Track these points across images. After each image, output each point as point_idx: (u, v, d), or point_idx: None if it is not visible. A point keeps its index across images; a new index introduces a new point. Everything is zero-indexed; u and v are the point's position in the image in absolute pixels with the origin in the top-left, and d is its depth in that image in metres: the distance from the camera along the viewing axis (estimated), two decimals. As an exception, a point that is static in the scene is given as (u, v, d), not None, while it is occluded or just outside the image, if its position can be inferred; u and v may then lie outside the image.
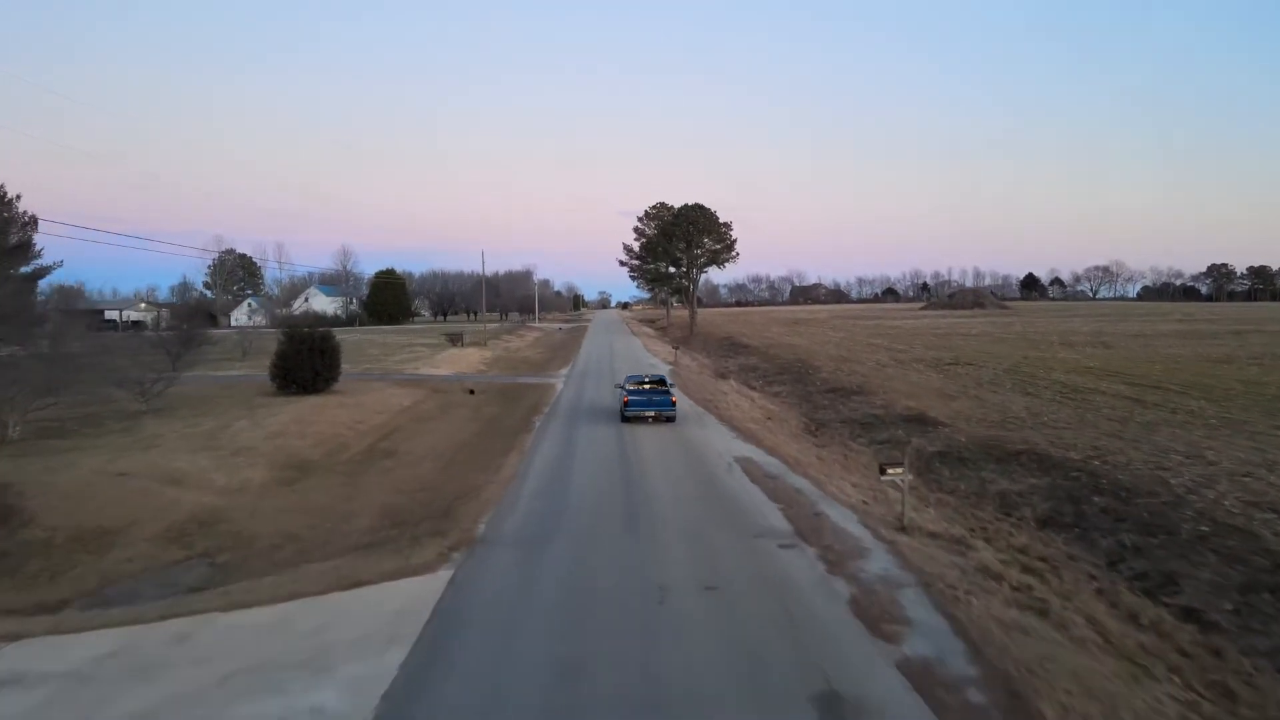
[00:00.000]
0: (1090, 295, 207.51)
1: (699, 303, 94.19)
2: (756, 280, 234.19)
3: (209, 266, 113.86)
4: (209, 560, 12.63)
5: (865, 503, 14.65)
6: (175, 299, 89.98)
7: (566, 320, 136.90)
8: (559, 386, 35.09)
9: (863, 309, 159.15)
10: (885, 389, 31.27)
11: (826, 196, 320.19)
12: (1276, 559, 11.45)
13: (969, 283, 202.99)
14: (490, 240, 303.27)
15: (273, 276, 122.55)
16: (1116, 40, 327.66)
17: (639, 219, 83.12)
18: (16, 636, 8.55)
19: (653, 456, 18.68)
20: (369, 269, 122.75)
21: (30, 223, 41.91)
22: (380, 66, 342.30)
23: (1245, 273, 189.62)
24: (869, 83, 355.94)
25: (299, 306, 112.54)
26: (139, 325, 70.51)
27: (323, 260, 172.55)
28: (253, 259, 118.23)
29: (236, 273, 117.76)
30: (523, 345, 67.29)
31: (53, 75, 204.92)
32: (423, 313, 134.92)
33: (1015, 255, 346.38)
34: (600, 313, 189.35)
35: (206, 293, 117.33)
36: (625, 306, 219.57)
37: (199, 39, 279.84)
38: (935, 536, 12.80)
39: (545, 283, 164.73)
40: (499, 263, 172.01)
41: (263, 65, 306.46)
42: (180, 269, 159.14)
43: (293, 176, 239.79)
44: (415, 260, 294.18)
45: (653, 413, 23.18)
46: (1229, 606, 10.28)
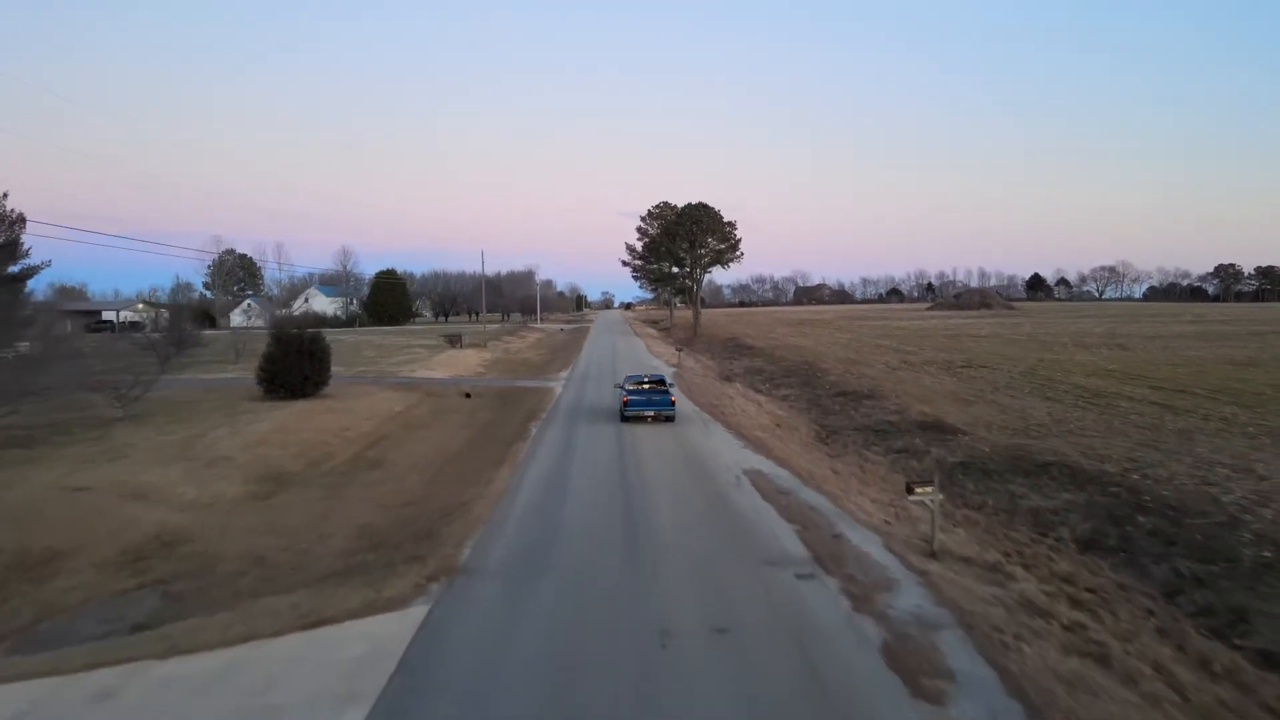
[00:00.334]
0: (1097, 295, 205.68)
1: (702, 303, 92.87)
2: (760, 281, 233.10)
3: (208, 267, 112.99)
4: (162, 589, 11.41)
5: (888, 523, 13.37)
6: (164, 300, 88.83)
7: (569, 321, 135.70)
8: (558, 390, 33.83)
9: (868, 309, 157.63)
10: (898, 393, 29.96)
11: (829, 196, 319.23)
12: (1357, 592, 10.16)
13: (974, 283, 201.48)
14: (492, 241, 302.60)
15: (272, 277, 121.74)
16: (1120, 38, 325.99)
17: (642, 218, 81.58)
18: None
19: (655, 469, 17.42)
20: (369, 269, 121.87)
21: (18, 221, 40.82)
22: (380, 66, 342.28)
23: (1253, 273, 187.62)
24: (871, 82, 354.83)
25: (299, 307, 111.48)
26: (136, 326, 69.50)
27: (323, 261, 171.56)
28: (252, 259, 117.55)
29: (236, 273, 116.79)
30: (523, 347, 66.04)
31: (52, 75, 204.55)
32: (424, 313, 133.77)
33: (1020, 255, 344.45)
34: (603, 313, 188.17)
35: (206, 293, 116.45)
36: (628, 307, 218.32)
37: (199, 39, 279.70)
38: (968, 563, 11.53)
39: (548, 283, 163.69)
40: (501, 263, 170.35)
41: (263, 65, 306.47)
42: (185, 270, 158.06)
43: (293, 176, 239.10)
44: (417, 261, 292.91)
45: (652, 412, 23.16)
46: (1312, 650, 9.01)
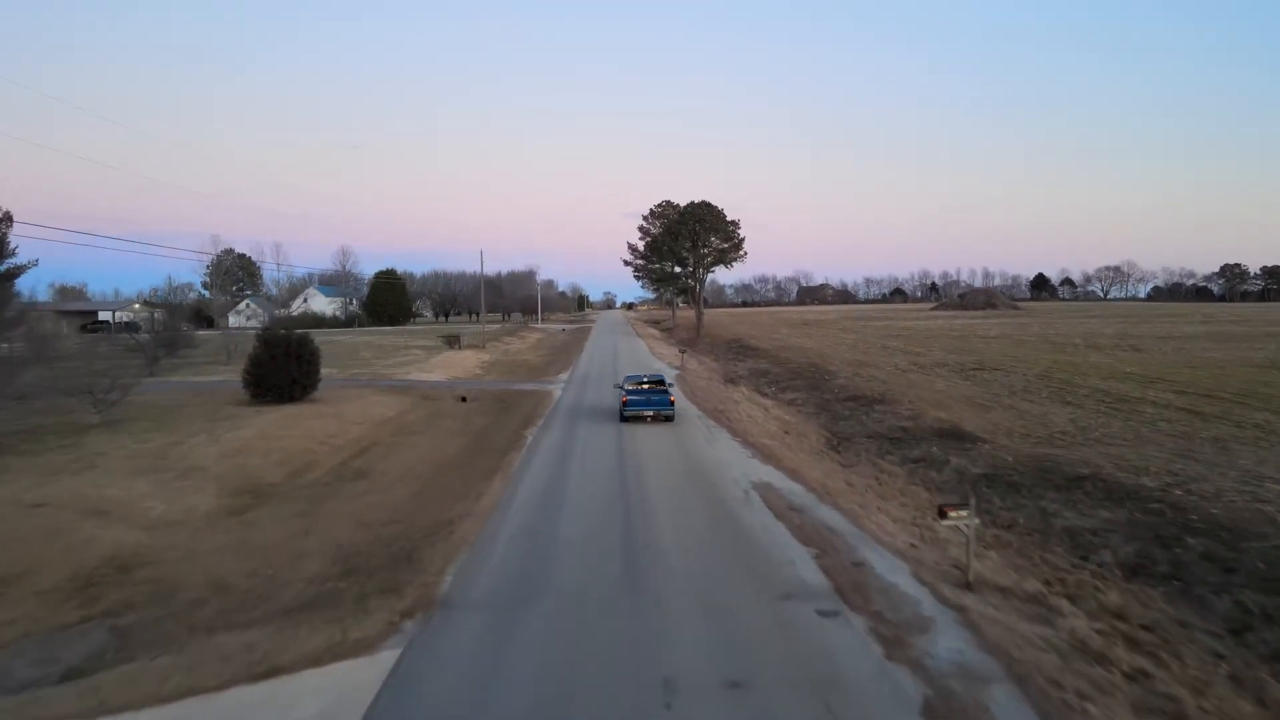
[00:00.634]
0: (1101, 295, 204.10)
1: (705, 303, 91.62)
2: (762, 281, 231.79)
3: (207, 267, 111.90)
4: (110, 623, 10.26)
5: (913, 546, 12.19)
6: (161, 299, 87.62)
7: (570, 321, 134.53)
8: (557, 394, 32.67)
9: (871, 310, 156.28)
10: (910, 397, 28.78)
11: (831, 196, 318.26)
12: None
13: (977, 283, 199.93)
14: (493, 241, 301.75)
15: (271, 277, 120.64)
16: (1122, 37, 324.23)
17: (644, 217, 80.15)
18: None
19: (657, 481, 16.25)
20: (369, 269, 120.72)
21: (4, 219, 39.97)
22: (380, 66, 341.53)
23: (1259, 273, 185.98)
24: (873, 81, 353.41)
25: (298, 307, 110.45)
26: (132, 326, 68.48)
27: (322, 261, 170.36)
28: (251, 259, 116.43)
29: (235, 273, 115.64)
30: (523, 348, 64.86)
31: (51, 76, 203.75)
32: (425, 314, 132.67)
33: (1023, 255, 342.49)
34: (605, 313, 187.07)
35: (204, 293, 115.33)
36: (630, 307, 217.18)
37: (198, 39, 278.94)
38: (1007, 594, 10.35)
39: (549, 283, 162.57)
40: (501, 263, 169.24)
41: (262, 65, 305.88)
42: (185, 270, 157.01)
43: (292, 176, 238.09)
44: (417, 261, 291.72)
45: (651, 412, 23.42)
46: None
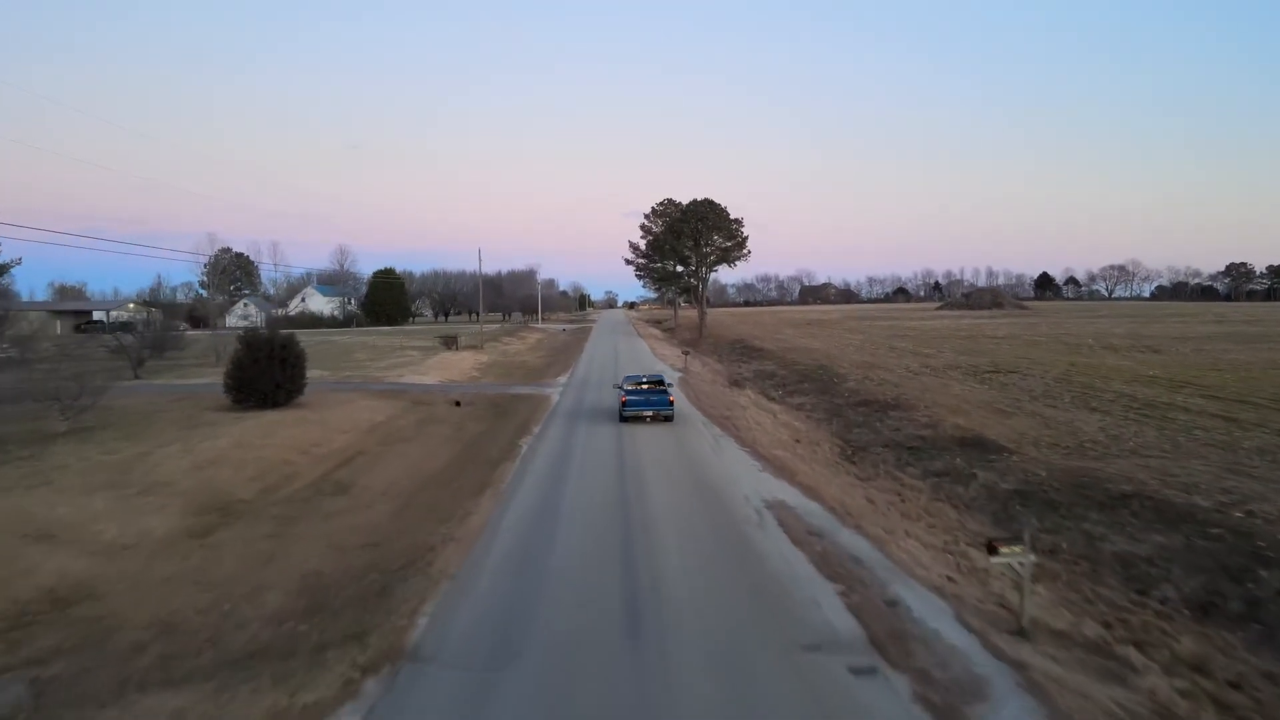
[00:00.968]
0: (1106, 295, 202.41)
1: (707, 303, 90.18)
2: (765, 280, 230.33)
3: (204, 267, 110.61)
4: (34, 673, 8.90)
5: (951, 579, 10.81)
6: (149, 299, 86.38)
7: (571, 321, 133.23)
8: (555, 398, 31.34)
9: (875, 309, 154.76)
10: (926, 402, 27.37)
11: (834, 195, 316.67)
12: None
13: (981, 282, 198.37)
14: (493, 240, 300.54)
15: (269, 276, 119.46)
16: (1126, 36, 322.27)
17: (646, 216, 78.69)
18: None
19: (661, 498, 14.89)
20: (368, 269, 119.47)
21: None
22: (379, 66, 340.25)
23: (1264, 271, 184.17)
24: (875, 80, 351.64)
25: (296, 307, 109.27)
26: (127, 326, 67.40)
27: (320, 260, 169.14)
28: (249, 258, 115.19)
29: (232, 272, 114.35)
30: (522, 348, 63.50)
31: (51, 75, 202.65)
32: (424, 313, 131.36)
33: (1027, 254, 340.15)
34: (606, 313, 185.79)
35: (202, 292, 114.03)
36: (632, 306, 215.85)
37: (197, 39, 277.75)
38: (1066, 641, 8.98)
39: (550, 282, 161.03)
40: (502, 262, 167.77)
41: (261, 65, 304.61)
42: (185, 271, 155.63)
43: (290, 176, 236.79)
44: (417, 260, 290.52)
45: (650, 412, 23.56)
46: None
